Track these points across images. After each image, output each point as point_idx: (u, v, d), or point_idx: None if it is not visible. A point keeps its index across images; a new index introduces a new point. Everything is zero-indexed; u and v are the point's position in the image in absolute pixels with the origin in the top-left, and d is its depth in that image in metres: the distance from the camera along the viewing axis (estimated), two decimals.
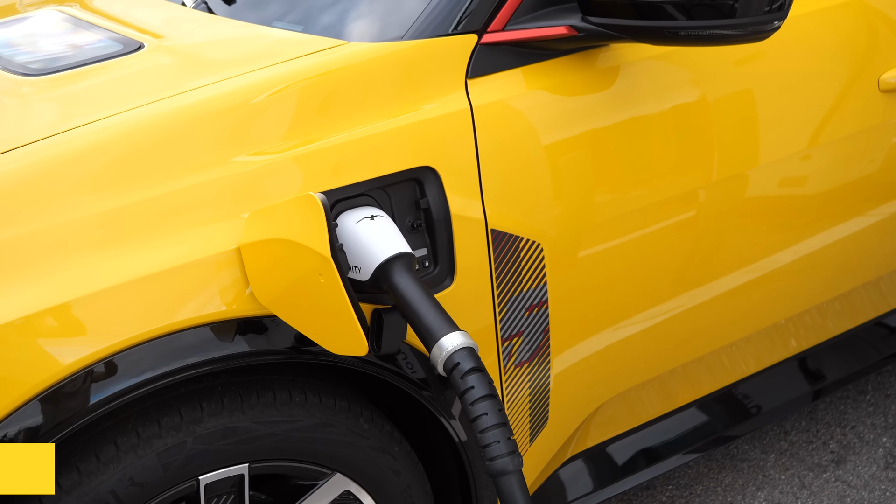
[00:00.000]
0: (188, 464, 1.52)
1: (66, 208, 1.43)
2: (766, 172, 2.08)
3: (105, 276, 1.41)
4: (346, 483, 1.69)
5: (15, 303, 1.37)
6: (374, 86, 1.63)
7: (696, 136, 1.95)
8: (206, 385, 1.57)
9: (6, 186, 1.43)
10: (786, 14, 1.65)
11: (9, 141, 1.49)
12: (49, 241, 1.41)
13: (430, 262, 1.65)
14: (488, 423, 1.38)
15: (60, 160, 1.46)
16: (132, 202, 1.46)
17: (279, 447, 1.60)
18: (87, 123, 1.52)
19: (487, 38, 1.70)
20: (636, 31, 1.66)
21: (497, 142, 1.69)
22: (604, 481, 2.10)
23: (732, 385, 2.31)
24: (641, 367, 2.12)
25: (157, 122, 1.53)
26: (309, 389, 1.63)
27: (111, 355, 1.41)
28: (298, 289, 1.41)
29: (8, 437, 1.38)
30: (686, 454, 2.23)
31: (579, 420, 2.02)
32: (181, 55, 1.80)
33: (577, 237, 1.82)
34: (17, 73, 1.74)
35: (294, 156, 1.55)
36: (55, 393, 1.39)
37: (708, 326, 2.20)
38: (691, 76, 1.92)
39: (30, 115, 1.67)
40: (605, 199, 1.84)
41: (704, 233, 2.05)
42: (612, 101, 1.83)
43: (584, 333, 1.94)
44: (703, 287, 2.12)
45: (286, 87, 1.59)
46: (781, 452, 2.60)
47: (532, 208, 1.74)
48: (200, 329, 1.48)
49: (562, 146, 1.77)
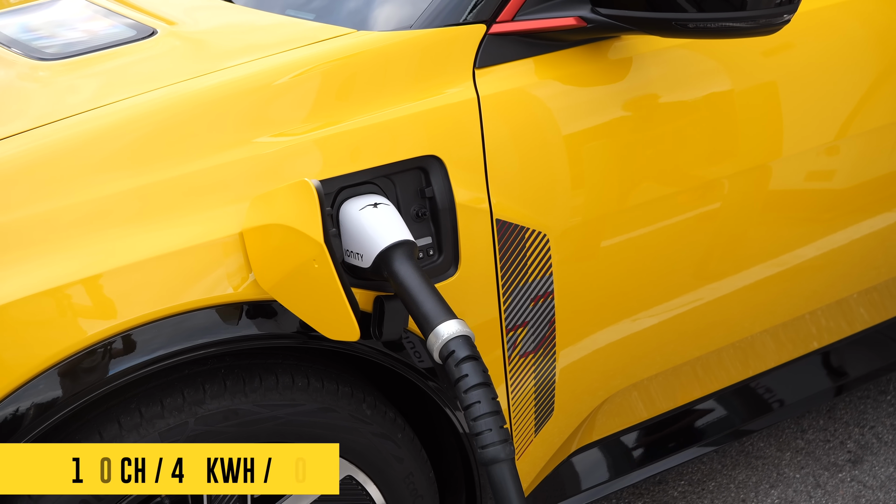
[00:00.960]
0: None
1: (89, 185, 1.45)
2: (790, 164, 2.06)
3: (125, 252, 1.44)
4: (348, 468, 1.71)
5: (37, 276, 1.39)
6: (381, 74, 1.64)
7: (717, 127, 1.94)
8: (209, 367, 1.59)
9: (32, 163, 1.45)
10: (796, 7, 1.63)
11: (28, 121, 1.52)
12: (73, 217, 1.43)
13: (434, 251, 1.66)
14: (481, 411, 1.39)
15: (83, 139, 1.49)
16: (155, 181, 1.48)
17: (281, 430, 1.61)
18: (105, 105, 1.54)
19: (496, 29, 1.70)
20: (644, 22, 1.65)
21: (504, 132, 1.69)
22: (619, 471, 2.10)
23: (751, 379, 2.30)
24: (657, 359, 2.11)
25: (179, 103, 1.55)
26: (312, 374, 1.65)
27: (129, 330, 1.43)
28: (295, 274, 1.43)
29: (20, 409, 1.41)
30: (702, 446, 2.22)
31: (589, 409, 2.02)
32: (193, 41, 1.83)
33: (587, 228, 1.82)
34: (33, 57, 1.77)
35: (315, 138, 1.56)
36: (73, 364, 1.42)
37: (727, 320, 2.18)
38: (714, 66, 1.91)
39: (48, 97, 1.69)
40: (618, 191, 1.84)
41: (725, 225, 2.04)
42: (625, 93, 1.82)
43: (600, 324, 1.94)
44: (724, 280, 2.11)
45: (310, 69, 1.61)
46: (797, 451, 2.58)
47: (539, 199, 1.74)
48: (213, 310, 1.50)
49: (573, 137, 1.77)
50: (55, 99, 1.67)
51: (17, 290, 1.38)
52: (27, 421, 1.41)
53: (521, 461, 1.92)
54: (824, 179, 2.17)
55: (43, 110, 1.58)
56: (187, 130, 1.52)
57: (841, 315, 2.39)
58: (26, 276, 1.39)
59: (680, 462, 2.18)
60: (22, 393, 1.40)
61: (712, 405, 2.26)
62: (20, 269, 1.39)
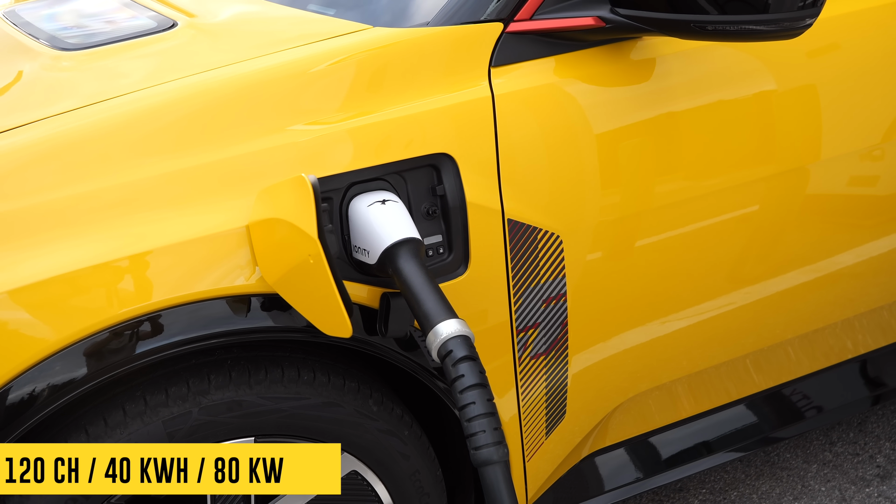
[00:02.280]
0: (193, 433, 1.56)
1: (123, 169, 1.47)
2: (830, 168, 2.02)
3: (155, 236, 1.46)
4: (353, 463, 1.71)
5: (70, 256, 1.42)
6: (399, 69, 1.63)
7: (752, 128, 1.91)
8: (216, 358, 1.61)
9: (67, 145, 1.48)
10: (818, 11, 1.59)
11: (61, 106, 1.54)
12: (107, 199, 1.46)
13: (444, 250, 1.66)
14: (475, 413, 1.38)
15: (116, 123, 1.51)
16: (188, 167, 1.50)
17: (285, 423, 1.62)
18: (137, 91, 1.56)
19: (514, 27, 1.69)
20: (663, 24, 1.63)
21: (519, 131, 1.68)
22: (645, 473, 2.08)
23: (782, 385, 2.26)
24: (684, 363, 2.09)
25: (213, 89, 1.56)
26: (318, 368, 1.66)
27: (153, 313, 1.46)
28: (295, 269, 1.43)
29: (42, 387, 1.44)
30: (730, 452, 2.19)
31: (605, 412, 2.00)
32: (215, 32, 1.85)
33: (604, 231, 1.80)
34: (56, 47, 1.80)
35: (349, 128, 1.57)
36: (96, 342, 1.45)
37: (759, 326, 2.15)
38: (750, 66, 1.88)
39: (75, 84, 1.72)
40: (644, 193, 1.82)
41: (760, 229, 2.00)
42: (652, 93, 1.80)
43: (623, 326, 1.92)
44: (758, 285, 2.07)
45: (346, 58, 1.61)
46: (824, 463, 2.52)
47: (554, 200, 1.72)
48: (232, 299, 1.52)
49: (596, 138, 1.75)
50: (82, 86, 1.69)
51: (44, 270, 1.41)
52: (42, 398, 1.44)
53: (531, 462, 1.90)
54: (866, 185, 2.12)
55: (72, 97, 1.61)
56: (221, 117, 1.54)
57: (876, 324, 2.34)
58: (52, 258, 1.41)
59: (706, 467, 2.15)
60: (48, 364, 1.42)
61: (741, 411, 2.22)
62: (50, 249, 1.42)
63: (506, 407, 1.80)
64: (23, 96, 1.73)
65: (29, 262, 1.41)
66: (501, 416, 1.80)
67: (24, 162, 1.47)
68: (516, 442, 1.85)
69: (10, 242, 1.42)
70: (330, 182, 1.56)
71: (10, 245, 1.42)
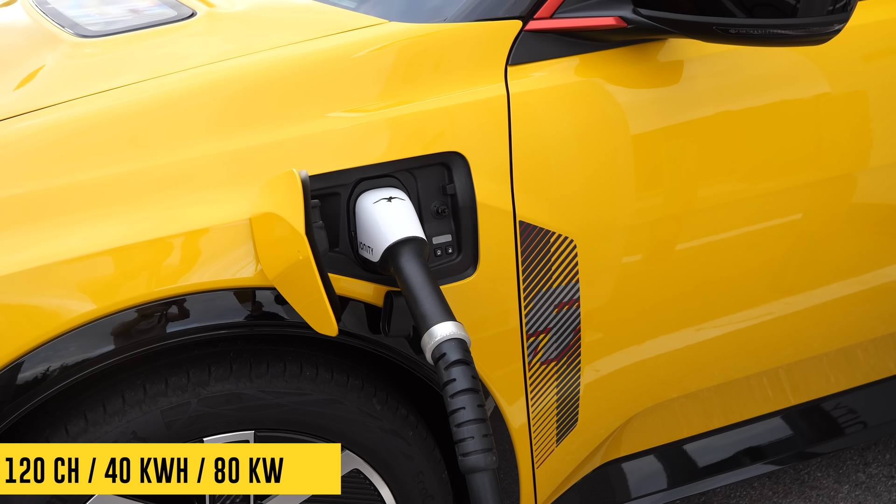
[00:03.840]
0: (191, 424, 1.56)
1: (158, 152, 1.48)
2: (878, 176, 1.96)
3: (189, 219, 1.46)
4: (355, 461, 1.70)
5: (99, 235, 1.43)
6: (410, 66, 1.61)
7: (794, 133, 1.86)
8: (219, 349, 1.60)
9: (116, 119, 1.50)
10: (848, 16, 1.53)
11: (87, 89, 1.55)
12: (142, 180, 1.47)
13: (453, 250, 1.63)
14: (465, 418, 1.36)
15: (153, 105, 1.52)
16: (221, 152, 1.50)
17: (285, 418, 1.62)
18: (167, 74, 1.57)
19: (533, 25, 1.65)
20: (685, 25, 1.58)
21: (534, 132, 1.64)
22: (674, 482, 2.05)
23: (822, 399, 2.19)
24: (715, 372, 2.04)
25: (251, 73, 1.57)
26: (322, 364, 1.64)
27: (181, 296, 1.47)
28: (287, 264, 1.42)
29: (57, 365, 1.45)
30: (764, 464, 2.14)
31: (620, 421, 1.95)
32: (233, 21, 1.85)
33: (625, 236, 1.76)
34: (77, 34, 1.82)
35: (387, 117, 1.56)
36: (122, 319, 1.46)
37: (797, 338, 2.09)
38: (788, 70, 1.83)
39: (100, 70, 1.73)
40: (672, 196, 1.78)
41: (803, 237, 1.95)
42: (684, 96, 1.76)
43: (659, 331, 1.89)
44: (799, 296, 2.01)
45: (388, 45, 1.61)
46: (857, 484, 2.44)
47: (568, 203, 1.68)
48: (249, 290, 1.52)
49: (619, 141, 1.71)
50: (106, 72, 1.70)
51: (81, 246, 1.42)
52: (53, 376, 1.45)
53: (541, 468, 1.87)
54: None
55: (95, 82, 1.62)
56: (262, 101, 1.54)
57: None
58: (80, 237, 1.43)
59: (736, 480, 2.11)
60: (64, 341, 1.43)
61: (776, 423, 2.16)
62: (91, 226, 1.43)
63: (515, 412, 1.77)
64: (51, 80, 1.74)
65: (60, 239, 1.42)
66: (510, 422, 1.77)
67: (63, 136, 1.48)
68: (525, 447, 1.82)
69: (44, 220, 1.43)
70: (338, 177, 1.55)
71: (44, 223, 1.43)
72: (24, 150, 1.47)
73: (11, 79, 1.74)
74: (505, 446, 1.80)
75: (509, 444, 1.80)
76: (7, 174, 1.46)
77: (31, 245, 1.42)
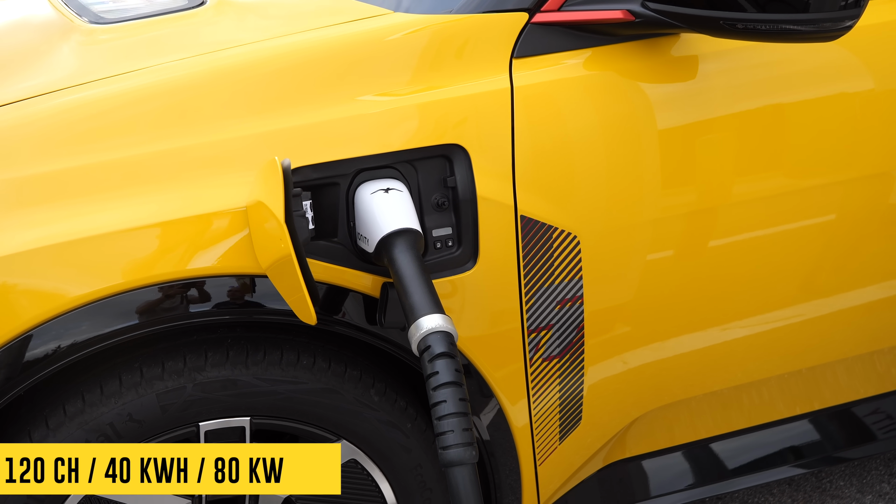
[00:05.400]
0: (187, 409, 1.57)
1: (182, 133, 1.50)
2: None
3: (210, 201, 1.48)
4: (352, 451, 1.70)
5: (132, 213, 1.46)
6: (410, 57, 1.61)
7: (827, 130, 1.82)
8: (218, 336, 1.62)
9: (151, 97, 1.52)
10: (861, 12, 1.49)
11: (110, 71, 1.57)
12: (168, 162, 1.49)
13: (453, 242, 1.62)
14: (446, 411, 1.35)
15: (179, 84, 1.54)
16: (249, 134, 1.51)
17: (280, 406, 1.62)
18: (194, 56, 1.58)
19: (540, 18, 1.63)
20: (691, 20, 1.55)
21: (538, 126, 1.62)
22: (696, 482, 2.03)
23: (853, 403, 2.15)
24: (738, 372, 2.01)
25: (289, 54, 1.58)
26: (320, 354, 1.65)
27: (199, 278, 1.49)
28: (276, 257, 1.42)
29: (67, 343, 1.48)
30: (792, 467, 2.11)
31: (626, 422, 1.93)
32: (244, 9, 1.86)
33: (629, 234, 1.73)
34: (91, 21, 1.85)
35: (418, 102, 1.57)
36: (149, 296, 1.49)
37: (826, 341, 2.05)
38: (816, 65, 1.79)
39: (119, 55, 1.75)
40: (681, 194, 1.76)
41: (837, 236, 1.91)
42: (704, 91, 1.73)
43: (684, 329, 1.87)
44: (830, 298, 1.98)
45: (423, 28, 1.62)
46: (881, 495, 2.38)
47: (572, 199, 1.66)
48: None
49: (635, 136, 1.69)
50: (127, 56, 1.72)
51: (117, 221, 1.45)
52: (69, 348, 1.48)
53: (543, 466, 1.85)
54: None
55: (122, 64, 1.63)
56: (297, 82, 1.55)
57: None
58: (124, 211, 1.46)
59: (761, 482, 2.08)
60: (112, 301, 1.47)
61: (804, 426, 2.12)
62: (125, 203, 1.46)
63: (517, 408, 1.76)
64: (67, 64, 1.76)
65: (89, 216, 1.45)
66: (511, 418, 1.76)
67: (100, 111, 1.51)
68: (527, 444, 1.80)
69: (79, 196, 1.46)
70: (338, 167, 1.55)
71: (80, 199, 1.46)
72: (57, 125, 1.49)
73: (28, 65, 1.77)
74: (506, 442, 1.79)
75: (510, 440, 1.78)
76: (42, 150, 1.48)
77: (64, 219, 1.44)
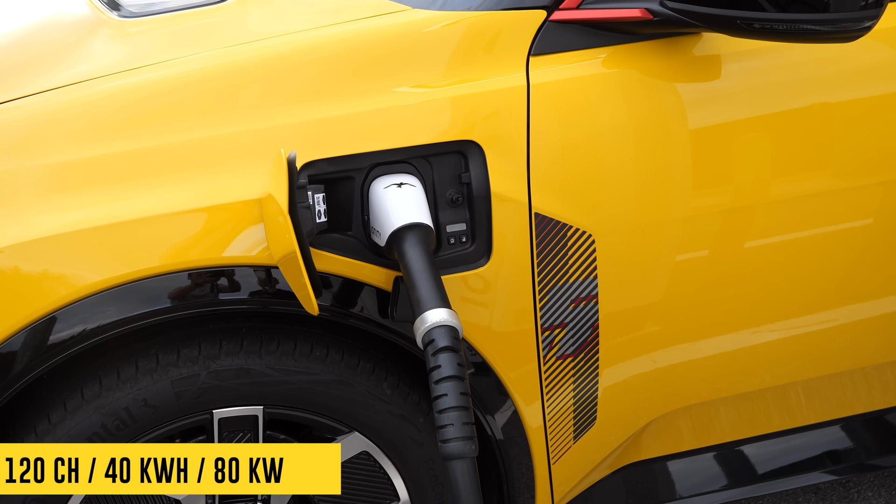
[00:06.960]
0: (201, 396, 1.60)
1: (213, 122, 1.53)
2: None
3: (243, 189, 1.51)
4: (364, 443, 1.71)
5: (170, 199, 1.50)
6: (427, 54, 1.62)
7: (855, 132, 1.80)
8: (233, 325, 1.64)
9: (195, 82, 1.56)
10: (881, 12, 1.46)
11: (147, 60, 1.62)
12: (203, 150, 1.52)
13: (467, 238, 1.63)
14: (447, 405, 1.35)
15: (215, 72, 1.57)
16: (282, 124, 1.53)
17: (294, 396, 1.64)
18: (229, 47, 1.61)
19: (558, 16, 1.63)
20: (709, 19, 1.54)
21: (554, 123, 1.62)
22: (725, 484, 2.01)
23: (885, 410, 2.12)
24: (765, 376, 1.99)
25: (333, 43, 1.61)
26: (333, 346, 1.66)
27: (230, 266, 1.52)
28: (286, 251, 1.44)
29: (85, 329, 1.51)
30: (824, 473, 2.09)
31: (642, 423, 1.92)
32: (264, 5, 1.89)
33: (644, 233, 1.73)
34: (120, 15, 1.89)
35: (452, 95, 1.59)
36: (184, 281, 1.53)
37: (859, 347, 2.03)
38: (843, 68, 1.77)
39: (148, 46, 1.79)
40: (698, 195, 1.75)
41: (875, 240, 1.89)
42: (726, 91, 1.72)
43: (714, 331, 1.86)
44: (865, 304, 1.96)
45: (459, 20, 1.63)
46: None
47: (587, 197, 1.66)
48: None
49: (660, 136, 1.68)
50: (160, 47, 1.76)
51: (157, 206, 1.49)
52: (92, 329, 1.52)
53: (557, 465, 1.85)
54: None
55: (155, 55, 1.67)
56: (338, 72, 1.57)
57: None
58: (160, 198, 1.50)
59: (790, 487, 2.07)
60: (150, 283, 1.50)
61: (836, 432, 2.10)
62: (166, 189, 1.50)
63: (532, 411, 1.77)
64: (95, 54, 1.81)
65: (131, 200, 1.49)
66: (526, 421, 1.76)
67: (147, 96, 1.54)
68: (541, 442, 1.80)
69: (121, 181, 1.50)
70: (353, 161, 1.56)
71: (118, 184, 1.50)
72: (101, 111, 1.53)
73: (65, 56, 1.81)
74: (521, 441, 1.79)
75: (524, 440, 1.79)
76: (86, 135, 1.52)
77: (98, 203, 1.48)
